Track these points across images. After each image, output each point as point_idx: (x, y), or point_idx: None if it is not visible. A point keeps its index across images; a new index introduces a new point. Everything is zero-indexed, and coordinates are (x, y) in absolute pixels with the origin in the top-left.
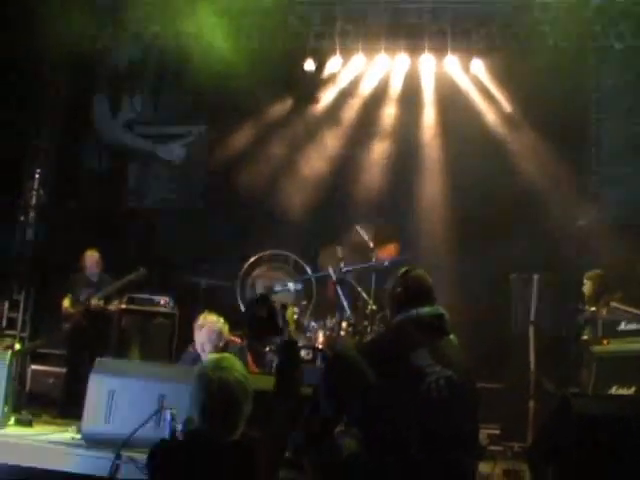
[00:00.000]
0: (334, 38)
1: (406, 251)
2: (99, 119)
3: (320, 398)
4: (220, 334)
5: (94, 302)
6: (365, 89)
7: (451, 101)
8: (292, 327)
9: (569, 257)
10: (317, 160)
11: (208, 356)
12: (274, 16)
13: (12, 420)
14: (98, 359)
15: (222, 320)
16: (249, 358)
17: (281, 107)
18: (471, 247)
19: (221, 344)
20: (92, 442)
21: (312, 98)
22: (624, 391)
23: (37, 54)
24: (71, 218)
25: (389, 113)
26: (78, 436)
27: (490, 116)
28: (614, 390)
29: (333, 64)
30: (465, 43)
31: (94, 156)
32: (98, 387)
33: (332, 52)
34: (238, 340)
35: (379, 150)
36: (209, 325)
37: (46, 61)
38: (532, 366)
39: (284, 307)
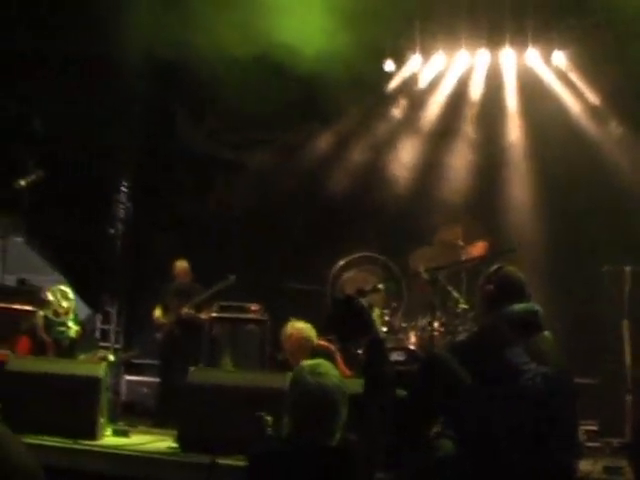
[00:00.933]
0: (414, 37)
1: (495, 248)
2: (182, 129)
3: (415, 400)
4: (309, 340)
5: (185, 311)
6: (447, 87)
7: (534, 95)
8: (379, 327)
9: None
10: (401, 161)
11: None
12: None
13: (109, 431)
14: (191, 368)
15: (309, 326)
16: (340, 361)
17: (362, 109)
18: (561, 241)
19: (310, 350)
20: (188, 450)
21: (393, 99)
22: None
23: (120, 65)
24: (158, 229)
25: (472, 110)
26: (175, 445)
27: (575, 109)
28: None
29: (413, 63)
30: (546, 35)
31: (179, 166)
32: (193, 396)
33: (412, 51)
34: (328, 344)
35: (463, 148)
36: (297, 333)
37: (128, 71)
38: (627, 360)
39: (370, 307)
